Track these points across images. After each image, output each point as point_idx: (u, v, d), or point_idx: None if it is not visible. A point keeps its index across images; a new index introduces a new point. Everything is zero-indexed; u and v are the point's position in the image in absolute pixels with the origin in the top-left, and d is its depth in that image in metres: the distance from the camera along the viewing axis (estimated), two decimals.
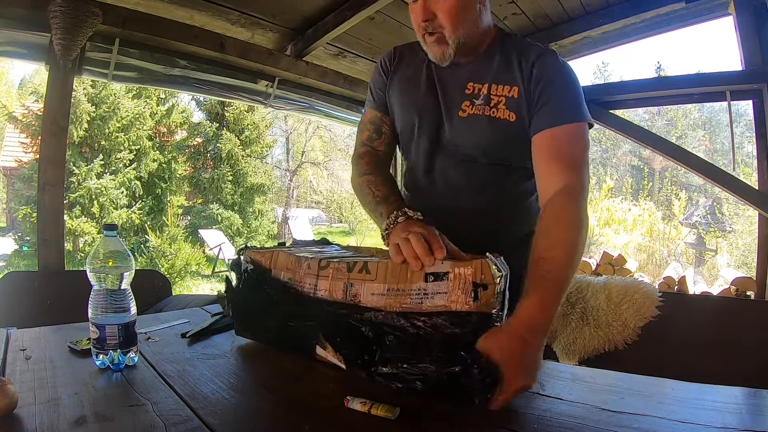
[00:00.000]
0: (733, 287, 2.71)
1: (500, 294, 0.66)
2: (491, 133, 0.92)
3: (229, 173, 9.68)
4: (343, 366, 0.74)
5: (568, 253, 0.76)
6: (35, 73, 11.19)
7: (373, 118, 1.08)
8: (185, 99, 10.44)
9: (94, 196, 7.88)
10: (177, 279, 7.16)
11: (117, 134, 8.28)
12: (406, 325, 0.68)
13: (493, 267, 0.66)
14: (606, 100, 3.02)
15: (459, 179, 0.98)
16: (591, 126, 0.92)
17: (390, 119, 1.06)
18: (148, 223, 8.62)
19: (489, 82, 0.93)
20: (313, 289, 0.79)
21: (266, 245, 0.98)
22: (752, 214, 5.60)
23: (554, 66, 0.91)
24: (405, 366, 0.66)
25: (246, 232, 9.58)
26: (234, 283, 0.92)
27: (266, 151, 10.96)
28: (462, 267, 0.66)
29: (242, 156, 9.79)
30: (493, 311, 0.65)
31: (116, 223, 1.11)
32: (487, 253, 0.68)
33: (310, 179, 15.01)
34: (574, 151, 0.87)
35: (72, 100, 2.39)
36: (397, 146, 1.10)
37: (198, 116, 10.57)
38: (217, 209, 9.39)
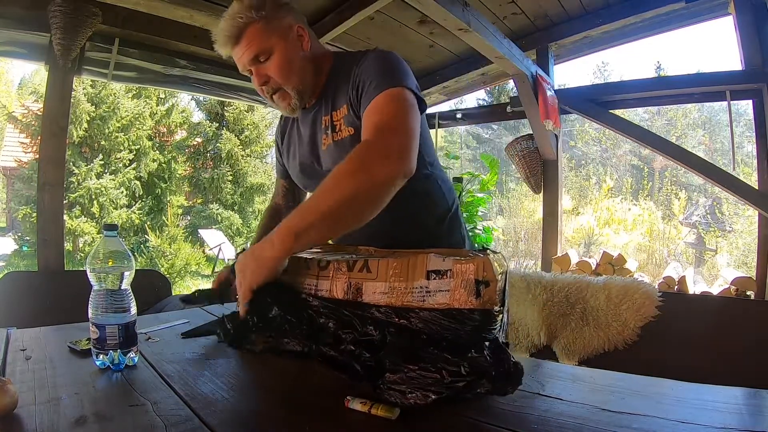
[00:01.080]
0: (733, 287, 2.71)
1: (501, 291, 0.66)
2: (343, 153, 0.93)
3: (229, 173, 9.67)
4: (347, 378, 0.71)
5: (333, 182, 0.78)
6: (35, 73, 11.19)
7: (277, 182, 1.28)
8: (185, 99, 10.44)
9: (93, 196, 7.88)
10: (177, 279, 7.15)
11: (117, 134, 8.28)
12: (408, 323, 0.67)
13: (495, 264, 0.65)
14: (606, 100, 3.02)
15: None
16: (423, 106, 0.91)
17: (286, 180, 1.24)
18: (148, 223, 8.61)
19: (330, 111, 1.00)
20: (313, 290, 0.78)
21: None
22: (752, 214, 5.60)
23: (370, 57, 0.94)
24: (414, 373, 0.63)
25: (246, 232, 9.58)
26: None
27: (266, 151, 10.94)
28: (464, 264, 0.65)
29: (242, 156, 9.78)
30: (495, 308, 0.65)
31: (116, 223, 1.11)
32: (488, 250, 0.68)
33: None
34: (382, 117, 0.86)
35: (72, 100, 2.39)
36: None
37: (198, 116, 10.57)
38: (217, 209, 9.39)
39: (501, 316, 0.67)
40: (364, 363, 0.70)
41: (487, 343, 0.63)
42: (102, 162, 8.08)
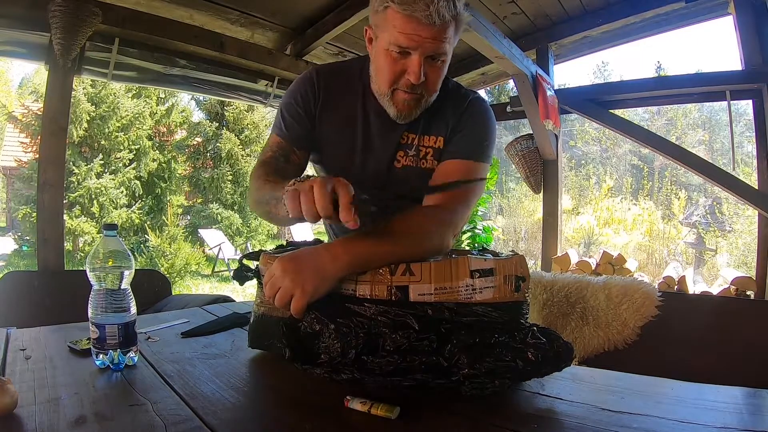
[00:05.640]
0: (733, 287, 2.71)
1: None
2: (423, 182, 0.98)
3: (228, 173, 9.68)
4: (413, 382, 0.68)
5: (408, 230, 0.80)
6: (35, 72, 11.16)
7: (281, 145, 0.98)
8: (185, 99, 10.44)
9: (93, 196, 7.87)
10: (177, 279, 7.15)
11: (117, 134, 8.27)
12: (462, 318, 0.70)
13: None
14: (606, 100, 3.02)
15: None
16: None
17: (303, 153, 0.99)
18: (148, 222, 8.61)
19: (419, 133, 0.98)
20: (352, 293, 0.75)
21: (266, 245, 0.93)
22: (752, 213, 5.60)
23: (477, 107, 0.98)
24: (490, 364, 0.66)
25: (246, 231, 9.58)
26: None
27: None
28: (507, 263, 0.74)
29: (242, 156, 9.78)
30: (528, 299, 0.75)
31: (116, 222, 1.08)
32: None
33: None
34: (463, 190, 0.92)
35: (72, 100, 2.39)
36: None
37: (198, 116, 10.57)
38: (217, 209, 9.39)
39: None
40: (430, 362, 0.69)
41: (535, 328, 0.70)
42: (102, 162, 8.07)
